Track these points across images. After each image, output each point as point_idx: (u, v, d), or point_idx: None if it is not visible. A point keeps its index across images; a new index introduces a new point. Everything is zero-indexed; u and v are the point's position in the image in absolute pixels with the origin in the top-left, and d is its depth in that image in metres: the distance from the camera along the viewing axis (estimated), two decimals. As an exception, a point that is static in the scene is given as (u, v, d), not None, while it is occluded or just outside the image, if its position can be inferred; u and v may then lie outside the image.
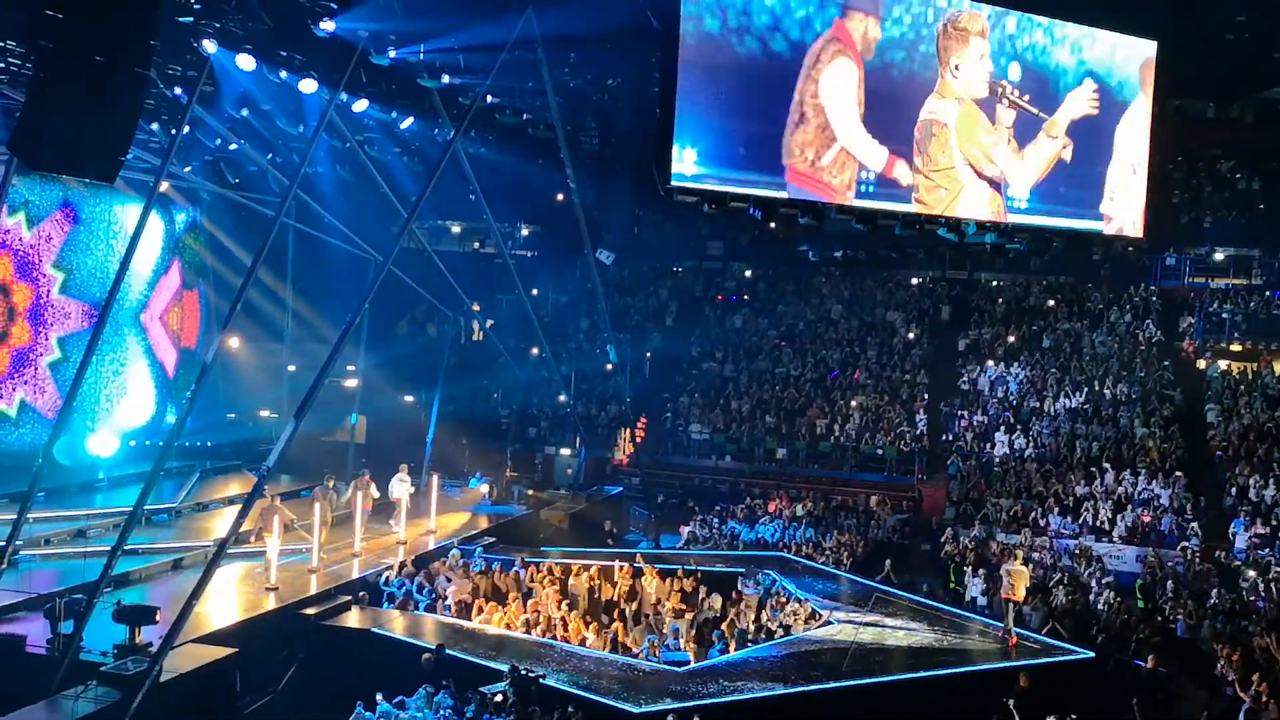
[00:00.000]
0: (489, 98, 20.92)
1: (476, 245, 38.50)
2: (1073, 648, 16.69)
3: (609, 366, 29.85)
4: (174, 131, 18.42)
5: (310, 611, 16.38)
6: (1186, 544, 23.31)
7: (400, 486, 21.67)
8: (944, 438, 29.95)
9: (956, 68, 18.33)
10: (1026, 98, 19.09)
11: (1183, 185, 36.33)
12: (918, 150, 18.24)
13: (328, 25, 16.62)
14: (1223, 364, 30.89)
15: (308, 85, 18.72)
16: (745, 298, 38.48)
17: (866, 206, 18.07)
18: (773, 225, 27.73)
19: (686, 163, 16.43)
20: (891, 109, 17.96)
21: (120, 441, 25.64)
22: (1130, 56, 20.52)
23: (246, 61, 17.50)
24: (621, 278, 39.15)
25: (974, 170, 18.83)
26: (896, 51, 17.85)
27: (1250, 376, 30.05)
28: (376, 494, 21.35)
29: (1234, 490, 25.32)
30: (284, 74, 18.52)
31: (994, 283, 36.78)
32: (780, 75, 17.05)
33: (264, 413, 29.44)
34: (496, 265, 35.56)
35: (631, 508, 28.77)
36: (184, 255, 28.60)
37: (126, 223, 25.53)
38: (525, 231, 39.43)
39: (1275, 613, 19.29)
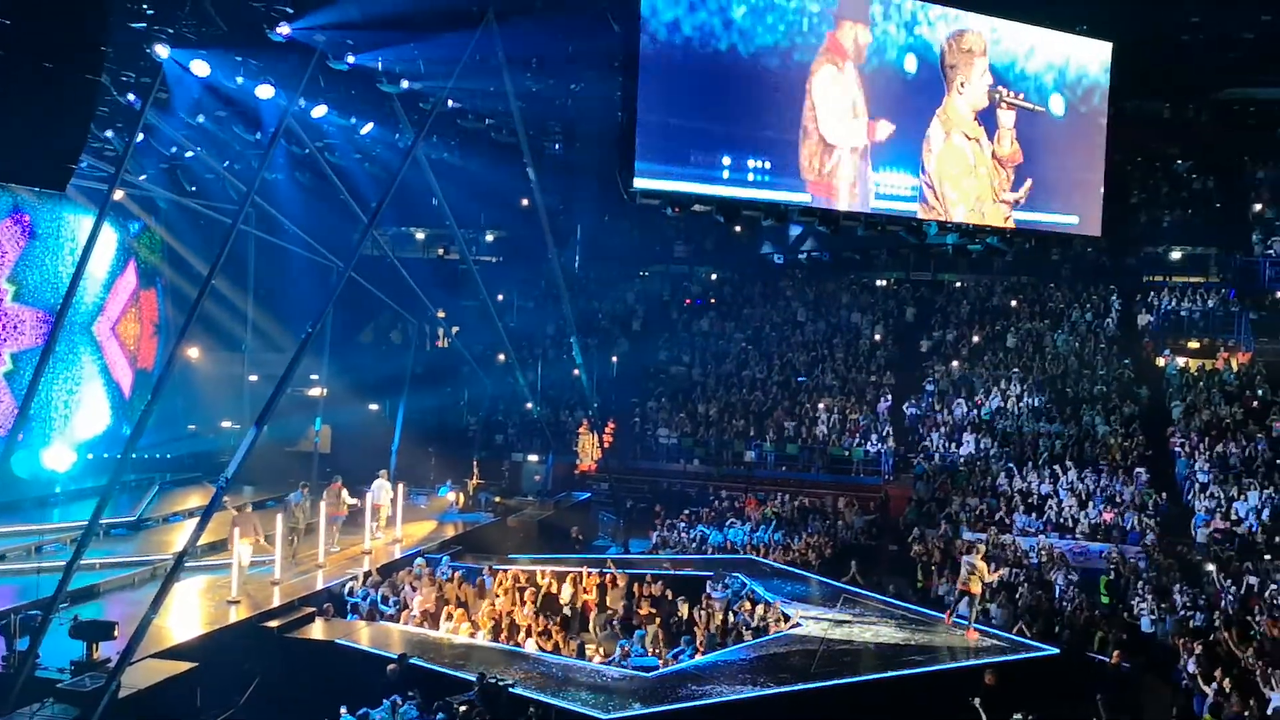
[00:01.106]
0: (450, 103, 20.81)
1: (441, 252, 38.35)
2: (1038, 645, 16.78)
3: (575, 372, 29.73)
4: (128, 139, 18.16)
5: (273, 624, 16.18)
6: (1148, 540, 23.54)
7: (383, 492, 21.71)
8: (909, 438, 30.11)
9: (963, 84, 18.93)
10: (1022, 95, 19.44)
11: (1140, 185, 36.81)
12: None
13: (284, 30, 16.43)
14: (1181, 361, 31.26)
15: (265, 91, 18.53)
16: (711, 301, 38.54)
17: (869, 211, 18.31)
18: (737, 229, 27.95)
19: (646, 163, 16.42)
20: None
21: (77, 455, 25.25)
22: (1087, 58, 20.76)
23: (201, 67, 17.30)
24: (587, 282, 39.11)
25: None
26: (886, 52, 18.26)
27: (1208, 373, 30.41)
28: (351, 500, 21.13)
29: (1194, 486, 25.60)
30: (240, 79, 18.32)
31: (957, 284, 37.07)
32: (747, 78, 17.10)
33: (225, 423, 29.11)
34: (461, 271, 35.38)
35: (600, 513, 28.70)
36: (139, 255, 28.14)
37: (80, 232, 25.11)
38: (490, 237, 39.32)
39: (1236, 607, 19.49)
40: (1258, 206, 35.75)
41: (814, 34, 17.39)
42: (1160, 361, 31.55)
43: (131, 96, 18.85)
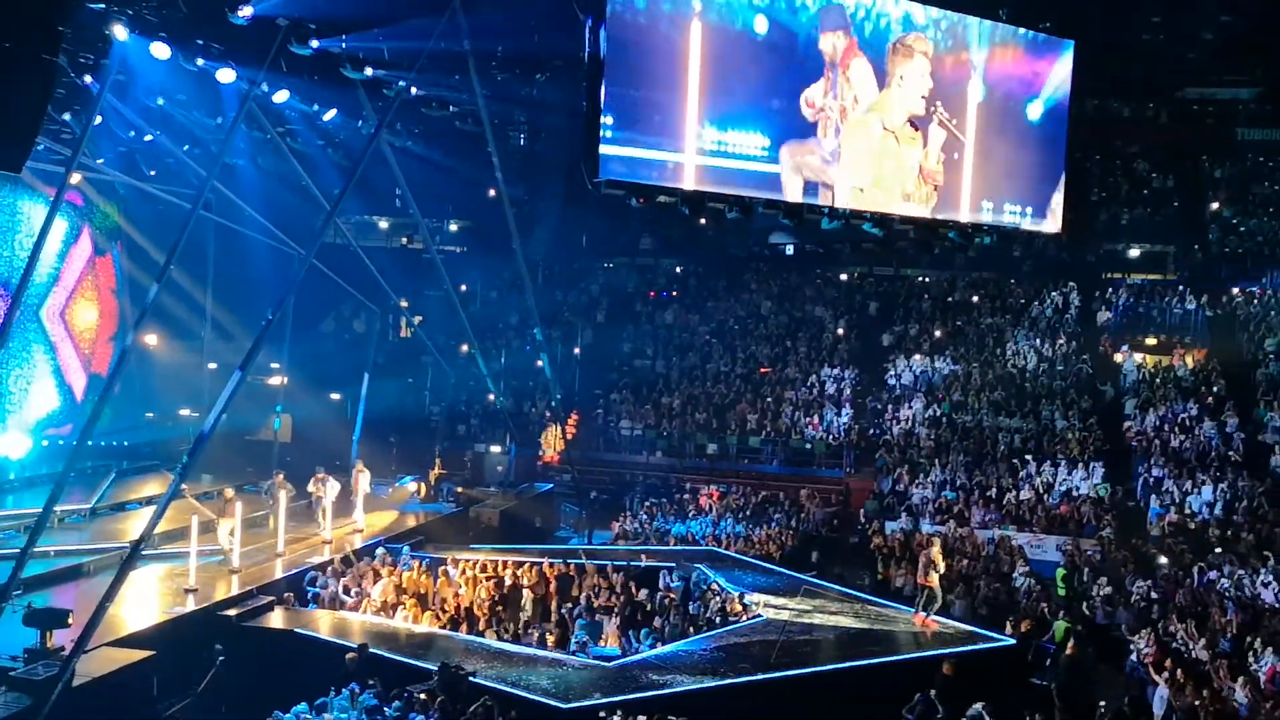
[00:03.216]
0: (414, 90, 20.66)
1: (404, 241, 38.08)
2: (995, 635, 16.99)
3: (538, 363, 29.67)
4: (85, 121, 17.87)
5: (231, 612, 16.04)
6: (1103, 533, 23.87)
7: (361, 479, 21.79)
8: (871, 432, 30.32)
9: (901, 78, 18.57)
10: (955, 122, 19.25)
11: (1100, 183, 37.29)
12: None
13: (245, 11, 16.20)
14: (1138, 357, 31.67)
15: (225, 75, 18.27)
16: (675, 294, 38.59)
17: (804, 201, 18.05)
18: (702, 221, 27.96)
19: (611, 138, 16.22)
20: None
21: (33, 441, 24.88)
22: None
23: (161, 50, 17.03)
24: (552, 274, 39.02)
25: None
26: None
27: (1164, 369, 30.84)
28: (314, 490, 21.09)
29: (1150, 480, 25.97)
30: (201, 62, 18.06)
31: (920, 278, 37.33)
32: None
33: (184, 411, 28.74)
34: (424, 261, 35.16)
35: (563, 504, 28.67)
36: (94, 220, 27.36)
37: (34, 215, 24.60)
38: (454, 227, 39.09)
39: (1188, 599, 19.81)
40: (1215, 205, 36.33)
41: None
42: (1118, 358, 31.96)
43: (89, 79, 18.53)
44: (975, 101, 19.55)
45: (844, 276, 38.09)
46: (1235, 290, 33.73)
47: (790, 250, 37.89)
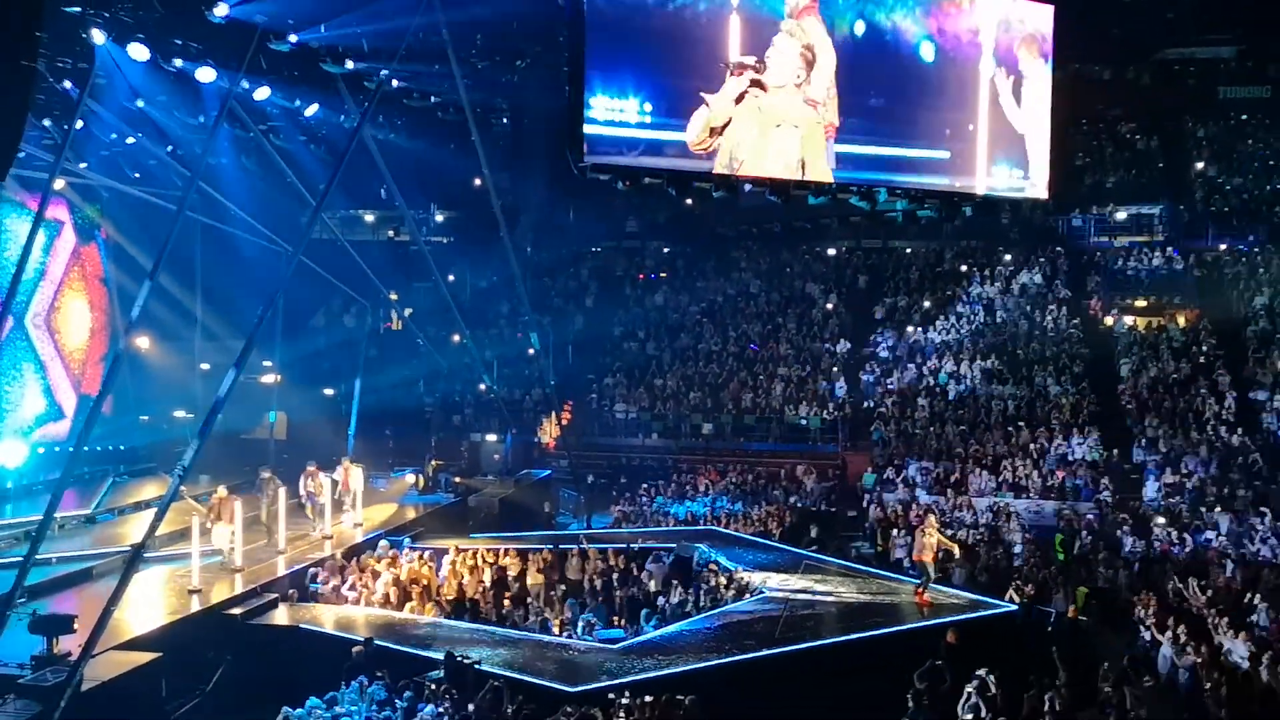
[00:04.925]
0: (395, 81, 20.59)
1: (391, 233, 37.94)
2: (996, 601, 17.11)
3: (530, 351, 29.63)
4: (67, 126, 17.81)
5: (236, 611, 16.06)
6: (1100, 496, 23.99)
7: (355, 476, 21.60)
8: (865, 405, 30.40)
9: (779, 50, 17.90)
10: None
11: (1085, 147, 37.31)
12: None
13: (221, 10, 16.13)
14: (1129, 320, 31.76)
15: (205, 74, 18.20)
16: (664, 275, 38.57)
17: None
18: (689, 201, 27.90)
19: (598, 109, 16.02)
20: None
21: (28, 449, 24.83)
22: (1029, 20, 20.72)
23: (139, 51, 16.95)
24: (540, 260, 38.97)
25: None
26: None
27: (1155, 331, 30.93)
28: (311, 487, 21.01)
29: (1144, 441, 26.10)
30: (179, 62, 17.98)
31: (908, 250, 37.30)
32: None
33: (179, 413, 28.70)
34: (412, 253, 35.06)
35: (561, 490, 28.73)
36: (74, 211, 26.90)
37: (19, 232, 24.33)
38: (440, 217, 38.96)
39: (1187, 558, 19.96)
40: (1200, 164, 36.39)
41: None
42: (1109, 321, 32.05)
43: (69, 84, 18.45)
44: (987, 77, 19.46)
45: (832, 251, 38.03)
46: (1223, 248, 33.81)
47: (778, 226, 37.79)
